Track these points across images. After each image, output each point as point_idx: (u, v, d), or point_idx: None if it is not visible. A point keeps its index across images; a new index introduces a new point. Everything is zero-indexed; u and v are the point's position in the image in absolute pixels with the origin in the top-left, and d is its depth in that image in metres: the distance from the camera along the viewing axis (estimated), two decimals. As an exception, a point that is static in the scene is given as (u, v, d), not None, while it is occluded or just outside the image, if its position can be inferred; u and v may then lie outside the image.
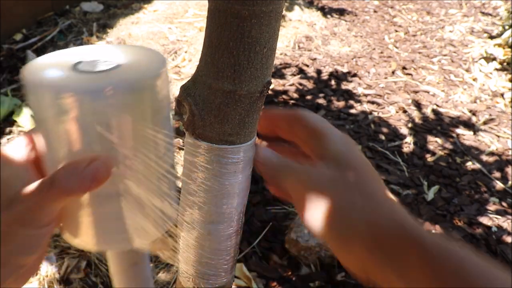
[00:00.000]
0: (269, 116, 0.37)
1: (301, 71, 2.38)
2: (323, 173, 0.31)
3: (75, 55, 0.31)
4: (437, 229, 1.35)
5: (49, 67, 0.29)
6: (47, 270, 1.15)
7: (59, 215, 0.29)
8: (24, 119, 1.73)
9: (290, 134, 0.36)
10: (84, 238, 0.32)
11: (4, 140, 1.66)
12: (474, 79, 2.46)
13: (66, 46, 2.41)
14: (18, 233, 0.27)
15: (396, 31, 3.17)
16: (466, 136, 1.90)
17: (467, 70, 2.56)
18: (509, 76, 2.48)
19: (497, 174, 1.66)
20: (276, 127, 0.37)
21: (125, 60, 0.31)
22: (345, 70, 2.44)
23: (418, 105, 2.12)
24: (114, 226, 0.32)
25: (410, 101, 2.16)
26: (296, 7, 3.17)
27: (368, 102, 2.12)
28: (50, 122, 0.28)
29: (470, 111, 2.12)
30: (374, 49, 2.79)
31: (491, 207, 1.48)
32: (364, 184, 0.30)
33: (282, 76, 2.30)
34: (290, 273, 1.17)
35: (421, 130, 1.91)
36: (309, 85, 2.23)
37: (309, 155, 0.34)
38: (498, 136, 1.93)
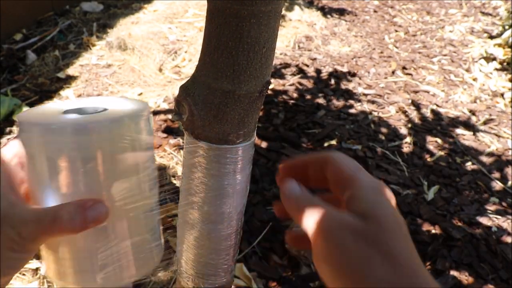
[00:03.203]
0: (301, 162, 0.35)
1: (301, 71, 2.38)
2: (347, 222, 0.29)
3: (66, 106, 0.34)
4: (437, 229, 1.35)
5: (41, 112, 0.33)
6: (47, 270, 1.14)
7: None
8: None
9: (321, 181, 0.34)
10: (66, 272, 0.31)
11: (4, 140, 1.66)
12: (474, 79, 2.46)
13: (66, 46, 2.41)
14: (3, 256, 0.27)
15: (396, 31, 3.17)
16: (466, 136, 1.90)
17: (467, 70, 2.56)
18: (509, 76, 2.48)
19: (497, 174, 1.66)
20: (308, 174, 0.35)
21: (110, 106, 0.33)
22: (345, 70, 2.44)
23: (418, 105, 2.12)
24: (100, 262, 0.31)
25: (410, 101, 2.16)
26: (296, 7, 3.17)
27: (368, 102, 2.11)
28: (38, 156, 0.29)
29: (470, 111, 2.12)
30: (374, 49, 2.79)
31: (491, 207, 1.48)
32: (388, 244, 0.28)
33: (282, 76, 2.30)
34: (290, 273, 1.17)
35: (421, 130, 1.91)
36: (309, 85, 2.23)
37: (341, 201, 0.32)
38: (498, 136, 1.92)
